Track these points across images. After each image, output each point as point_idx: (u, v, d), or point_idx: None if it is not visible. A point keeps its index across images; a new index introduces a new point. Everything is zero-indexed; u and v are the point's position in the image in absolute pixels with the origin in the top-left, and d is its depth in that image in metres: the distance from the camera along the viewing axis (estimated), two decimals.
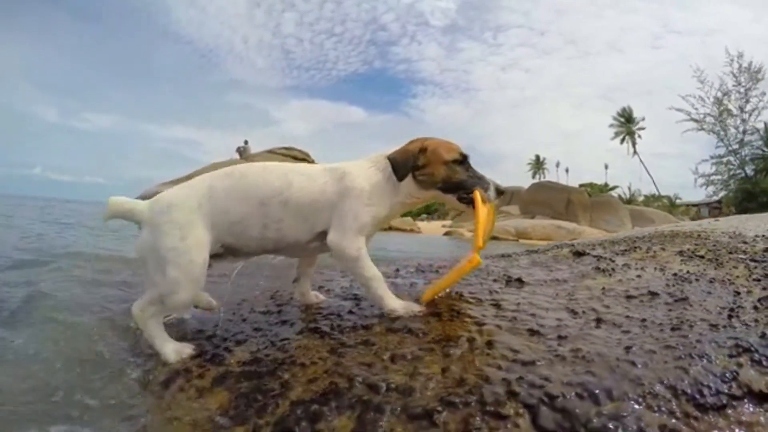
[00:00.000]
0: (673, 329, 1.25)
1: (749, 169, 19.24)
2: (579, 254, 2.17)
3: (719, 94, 19.00)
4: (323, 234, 1.55)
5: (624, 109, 45.71)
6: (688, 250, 2.06)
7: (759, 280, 1.62)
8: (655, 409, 0.96)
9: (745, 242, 2.18)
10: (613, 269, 1.85)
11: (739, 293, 1.52)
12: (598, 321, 1.36)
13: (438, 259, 2.75)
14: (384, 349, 1.29)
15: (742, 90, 18.82)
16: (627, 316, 1.38)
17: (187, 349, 1.50)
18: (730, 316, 1.31)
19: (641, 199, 39.39)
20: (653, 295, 1.53)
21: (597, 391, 1.00)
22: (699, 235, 2.32)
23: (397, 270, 2.29)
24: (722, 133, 19.12)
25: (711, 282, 1.63)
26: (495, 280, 1.88)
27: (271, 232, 1.53)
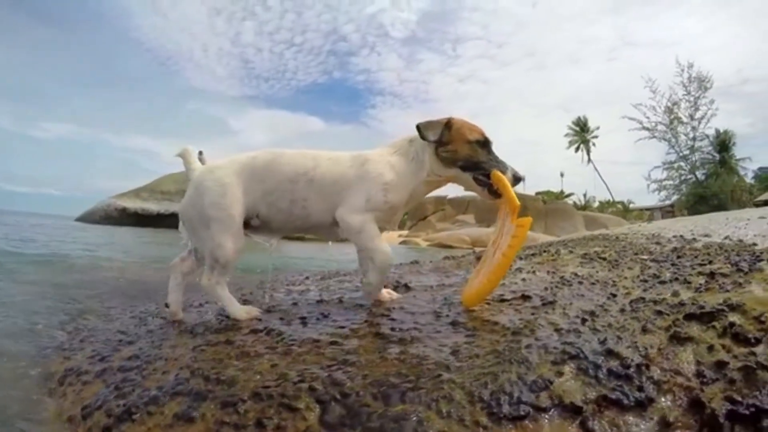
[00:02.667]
0: (513, 333, 1.16)
1: (700, 174, 19.32)
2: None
3: (669, 104, 19.04)
4: None
5: (579, 119, 45.16)
6: (595, 252, 1.93)
7: (646, 281, 1.50)
8: (444, 414, 0.89)
9: (658, 243, 2.03)
10: None
11: (615, 295, 1.41)
12: (454, 324, 1.29)
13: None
14: (238, 347, 1.29)
15: (691, 99, 18.85)
16: (484, 320, 1.30)
17: (254, 311, 1.57)
18: (584, 320, 1.21)
19: (596, 205, 38.93)
20: (525, 298, 1.44)
21: (391, 393, 0.94)
22: (617, 238, 2.18)
23: (307, 278, 2.25)
24: (673, 140, 19.14)
25: (593, 284, 1.52)
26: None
27: (297, 209, 1.55)
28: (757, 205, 18.88)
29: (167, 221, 16.54)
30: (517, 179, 1.50)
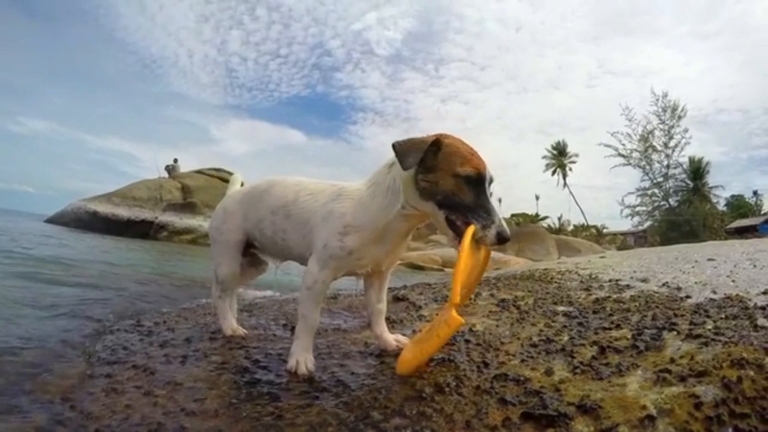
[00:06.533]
0: (345, 403, 1.12)
1: (673, 201, 19.42)
2: (397, 300, 1.98)
3: (645, 132, 19.00)
4: None
5: (558, 143, 43.83)
6: (515, 297, 1.78)
7: (535, 346, 1.37)
8: None
9: (587, 289, 1.84)
10: (401, 321, 1.66)
11: (488, 365, 1.30)
12: (310, 382, 1.26)
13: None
14: (113, 382, 1.36)
15: (665, 127, 18.92)
16: (338, 380, 1.27)
17: (240, 331, 1.73)
18: (422, 398, 1.12)
19: (570, 228, 37.63)
20: (378, 357, 1.36)
21: None
22: (551, 279, 1.96)
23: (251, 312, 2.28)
24: (647, 167, 19.29)
25: (478, 345, 1.43)
26: (276, 324, 1.79)
27: (278, 239, 1.53)
28: (728, 232, 19.82)
29: (135, 229, 15.85)
30: (501, 239, 1.16)
